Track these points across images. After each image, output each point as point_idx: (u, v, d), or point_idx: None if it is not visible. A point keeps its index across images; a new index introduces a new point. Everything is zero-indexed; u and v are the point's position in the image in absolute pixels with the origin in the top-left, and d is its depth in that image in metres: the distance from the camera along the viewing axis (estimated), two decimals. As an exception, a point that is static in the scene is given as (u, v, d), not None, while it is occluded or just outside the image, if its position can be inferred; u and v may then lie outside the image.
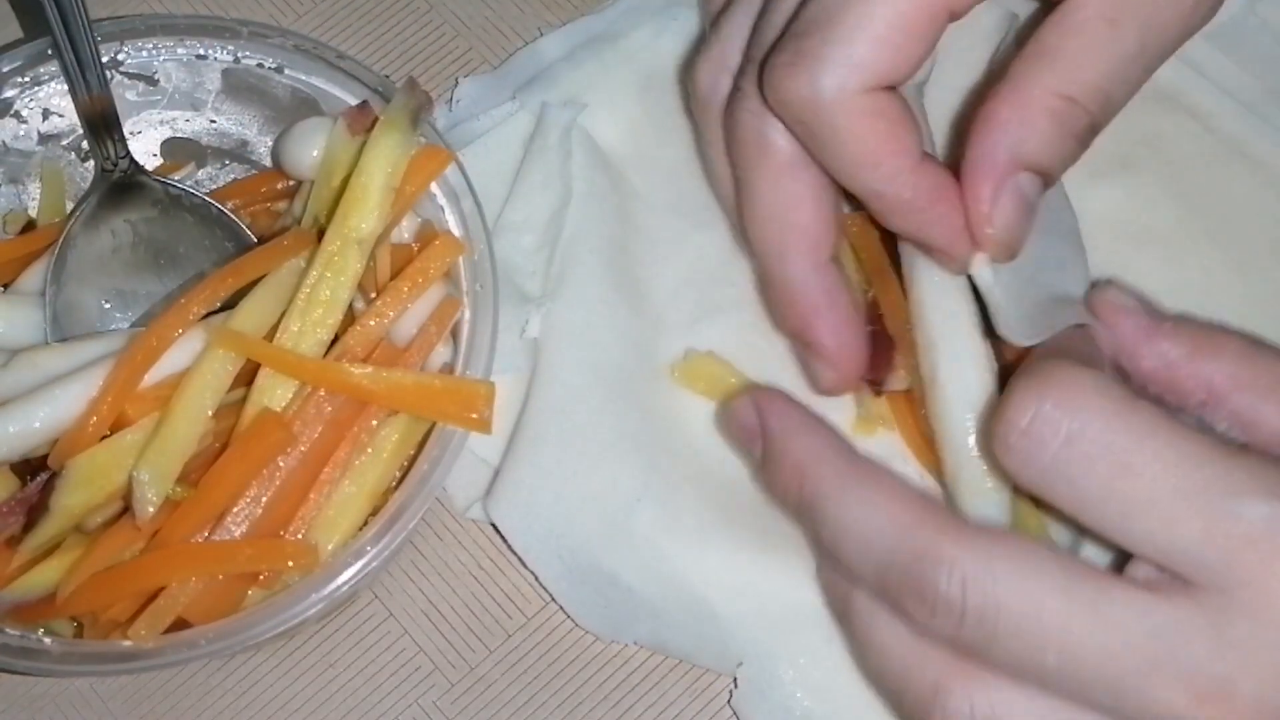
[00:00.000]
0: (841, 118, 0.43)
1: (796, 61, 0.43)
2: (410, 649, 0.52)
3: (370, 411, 0.47)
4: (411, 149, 0.49)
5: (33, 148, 0.54)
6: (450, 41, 0.60)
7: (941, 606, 0.39)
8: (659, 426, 0.51)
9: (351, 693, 0.51)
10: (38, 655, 0.45)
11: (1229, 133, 0.55)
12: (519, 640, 0.52)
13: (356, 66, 0.52)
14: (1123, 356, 0.44)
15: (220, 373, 0.46)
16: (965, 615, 0.39)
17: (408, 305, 0.48)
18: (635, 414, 0.51)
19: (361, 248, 0.48)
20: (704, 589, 0.49)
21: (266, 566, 0.46)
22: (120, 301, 0.52)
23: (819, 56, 0.43)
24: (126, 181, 0.52)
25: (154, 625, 0.45)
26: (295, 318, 0.47)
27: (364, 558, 0.46)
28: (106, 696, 0.51)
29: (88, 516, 0.46)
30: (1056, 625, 0.38)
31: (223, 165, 0.56)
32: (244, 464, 0.46)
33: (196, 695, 0.51)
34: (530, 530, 0.50)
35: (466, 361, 0.49)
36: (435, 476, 0.47)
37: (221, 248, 0.52)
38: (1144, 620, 0.38)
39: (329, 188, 0.50)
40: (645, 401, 0.52)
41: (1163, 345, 0.44)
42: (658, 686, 0.51)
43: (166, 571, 0.45)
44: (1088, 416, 0.39)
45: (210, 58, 0.53)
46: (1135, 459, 0.38)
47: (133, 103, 0.54)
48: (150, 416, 0.46)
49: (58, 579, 0.46)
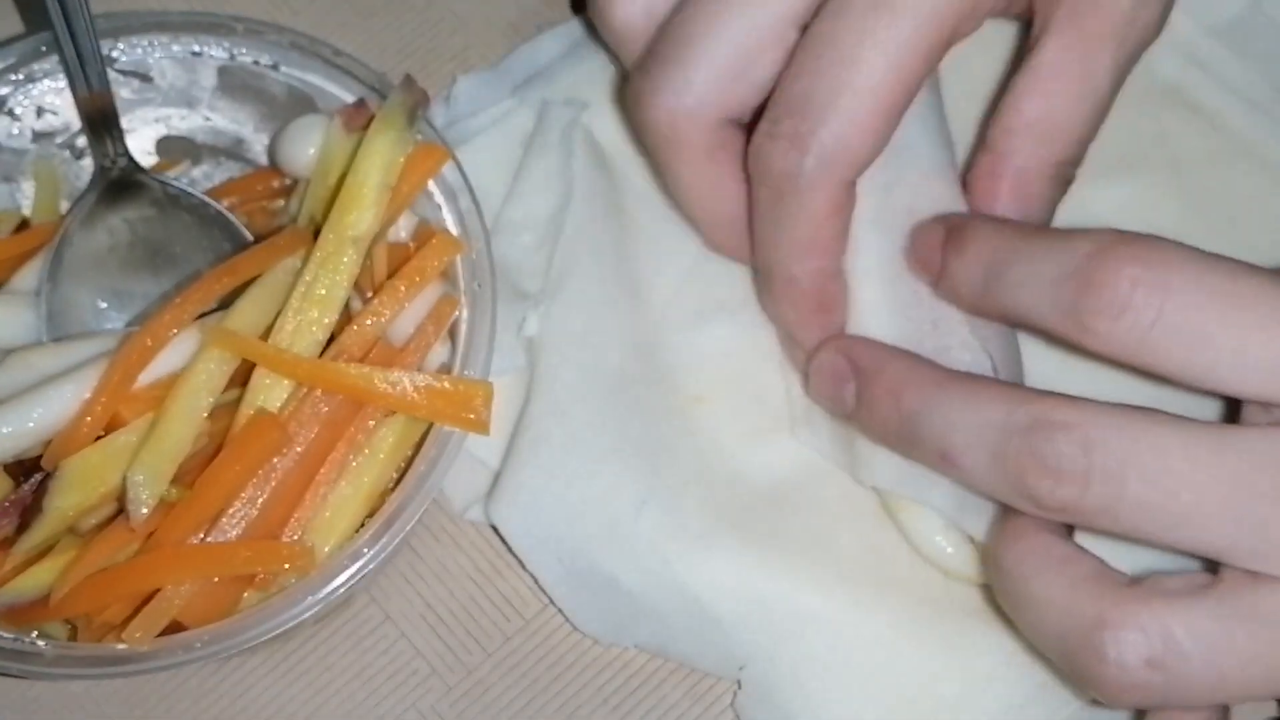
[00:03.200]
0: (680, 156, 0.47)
1: (647, 76, 0.46)
2: (408, 652, 0.51)
3: (367, 412, 0.47)
4: (408, 147, 0.49)
5: (26, 146, 0.54)
6: (447, 38, 0.59)
7: (1067, 471, 0.40)
8: (662, 429, 0.51)
9: (348, 696, 0.51)
10: (31, 658, 0.45)
11: (1235, 131, 0.55)
12: (517, 643, 0.51)
13: (353, 63, 0.52)
14: None
15: (215, 373, 0.46)
16: (1091, 474, 0.40)
17: (405, 304, 0.48)
18: (638, 416, 0.51)
19: (357, 246, 0.47)
20: (707, 593, 0.49)
21: (262, 569, 0.46)
22: (116, 301, 0.52)
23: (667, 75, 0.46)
24: (125, 180, 0.51)
25: (149, 628, 0.45)
26: (291, 317, 0.47)
27: (361, 560, 0.46)
28: (101, 700, 0.51)
29: (82, 518, 0.46)
30: (1184, 467, 0.39)
31: (218, 163, 0.56)
32: (239, 465, 0.45)
33: (191, 699, 0.51)
34: (530, 533, 0.50)
35: (464, 361, 0.48)
36: (433, 478, 0.47)
37: (219, 248, 0.52)
38: (1274, 447, 0.39)
39: (325, 186, 0.50)
40: (648, 403, 0.51)
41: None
42: (657, 690, 0.51)
43: (161, 574, 0.45)
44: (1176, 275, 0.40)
45: (205, 55, 0.53)
46: (1233, 299, 0.40)
47: (127, 100, 0.54)
48: (145, 417, 0.46)
49: (51, 581, 0.45)
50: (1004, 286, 0.43)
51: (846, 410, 0.47)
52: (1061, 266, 0.41)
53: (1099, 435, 0.40)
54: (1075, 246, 0.41)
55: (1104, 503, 0.40)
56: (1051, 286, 0.42)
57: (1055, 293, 0.41)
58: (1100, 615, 0.41)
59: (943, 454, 0.43)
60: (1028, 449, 0.41)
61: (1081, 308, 0.41)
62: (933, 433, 0.43)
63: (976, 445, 0.42)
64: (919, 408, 0.43)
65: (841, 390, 0.46)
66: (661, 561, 0.49)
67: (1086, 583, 0.41)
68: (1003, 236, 0.44)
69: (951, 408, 0.43)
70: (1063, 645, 0.42)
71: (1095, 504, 0.40)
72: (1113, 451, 0.40)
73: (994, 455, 0.41)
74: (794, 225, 0.46)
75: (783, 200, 0.45)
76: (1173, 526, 0.40)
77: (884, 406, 0.45)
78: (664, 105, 0.47)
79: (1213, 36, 0.56)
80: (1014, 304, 0.43)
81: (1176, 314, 0.40)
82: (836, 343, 0.47)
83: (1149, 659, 0.40)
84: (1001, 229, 0.45)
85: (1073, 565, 0.42)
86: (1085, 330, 0.41)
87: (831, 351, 0.47)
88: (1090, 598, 0.41)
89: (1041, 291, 0.42)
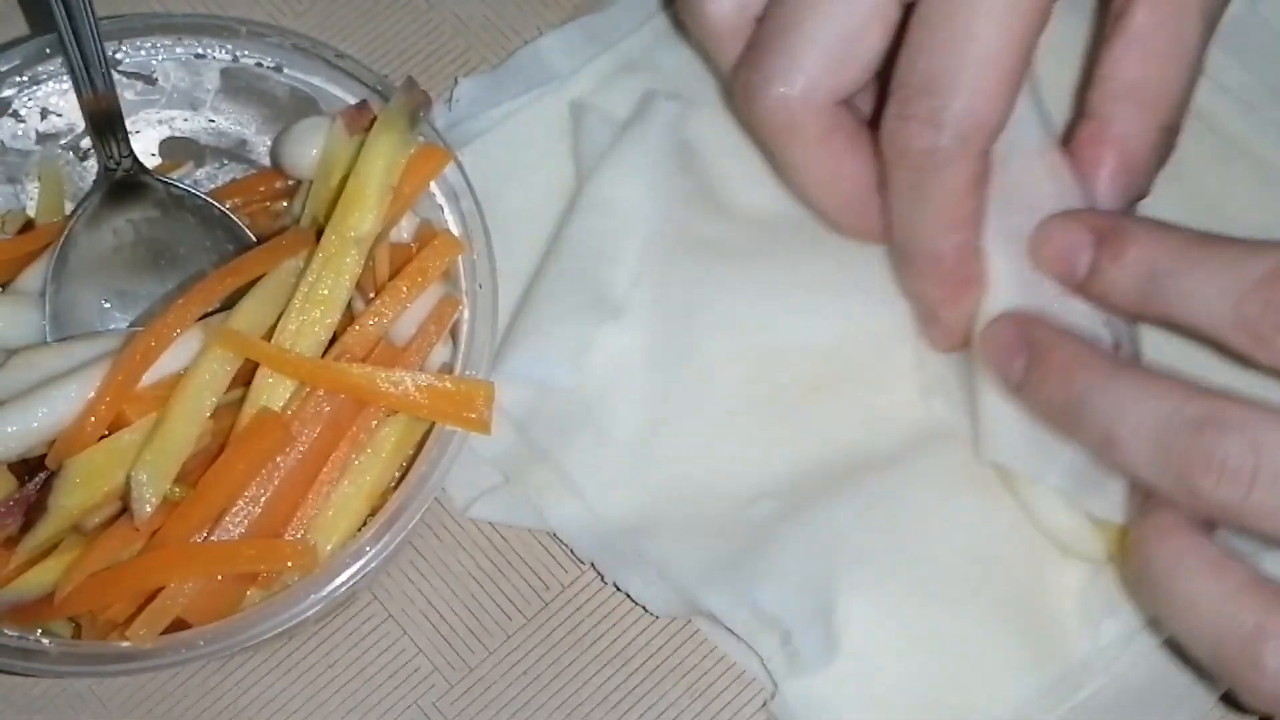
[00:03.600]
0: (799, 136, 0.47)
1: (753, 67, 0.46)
2: (409, 650, 0.51)
3: (369, 412, 0.47)
4: (410, 148, 0.49)
5: (31, 147, 0.54)
6: (449, 40, 0.59)
7: (1232, 469, 0.40)
8: (778, 421, 0.51)
9: (350, 694, 0.51)
10: (36, 656, 0.45)
11: (1231, 132, 0.55)
12: (518, 641, 0.52)
13: (355, 65, 0.52)
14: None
15: (218, 372, 0.46)
16: (1258, 475, 0.40)
17: (406, 305, 0.48)
18: (752, 409, 0.51)
19: (360, 247, 0.48)
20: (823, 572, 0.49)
21: (265, 567, 0.46)
22: (120, 301, 0.52)
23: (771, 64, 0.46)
24: (129, 181, 0.52)
25: (152, 626, 0.45)
26: (293, 317, 0.47)
27: (363, 558, 0.46)
28: (105, 697, 0.51)
29: (86, 517, 0.46)
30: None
31: (221, 165, 0.56)
32: (242, 464, 0.46)
33: (195, 696, 0.51)
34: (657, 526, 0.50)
35: (466, 361, 0.49)
36: (434, 477, 0.47)
37: (223, 249, 0.52)
38: None
39: (328, 187, 0.50)
40: (763, 395, 0.51)
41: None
42: (658, 688, 0.51)
43: (165, 572, 0.45)
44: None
45: (209, 57, 0.53)
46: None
47: (131, 102, 0.54)
48: (148, 416, 0.46)
49: (56, 579, 0.46)
50: (1173, 295, 0.43)
51: (1013, 382, 0.47)
52: (1241, 281, 0.42)
53: (1269, 438, 0.40)
54: (1257, 262, 0.42)
55: (1268, 507, 0.40)
56: (1228, 300, 0.42)
57: (1231, 306, 0.42)
58: (1259, 625, 0.40)
59: (1107, 438, 0.43)
60: (1196, 444, 0.41)
61: (1260, 323, 0.41)
62: (1100, 416, 0.43)
63: (1144, 434, 0.42)
64: (1089, 389, 0.43)
65: (1012, 362, 0.46)
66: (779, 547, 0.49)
67: (1244, 591, 0.41)
68: (1170, 243, 0.44)
69: (1122, 393, 0.43)
70: (1216, 650, 0.41)
71: (1258, 507, 0.40)
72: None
73: (1160, 446, 0.41)
74: (936, 202, 0.46)
75: (923, 178, 0.46)
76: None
77: (1054, 383, 0.45)
78: (776, 94, 0.47)
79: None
80: (1183, 313, 0.43)
81: None
82: (1011, 317, 0.47)
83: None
84: (1168, 234, 0.45)
85: (1228, 571, 0.42)
86: (1261, 344, 0.41)
87: (1005, 324, 0.47)
88: (1248, 607, 0.41)
89: (1216, 303, 0.42)
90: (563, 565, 0.52)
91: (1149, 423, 0.42)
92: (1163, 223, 0.46)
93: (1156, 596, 0.44)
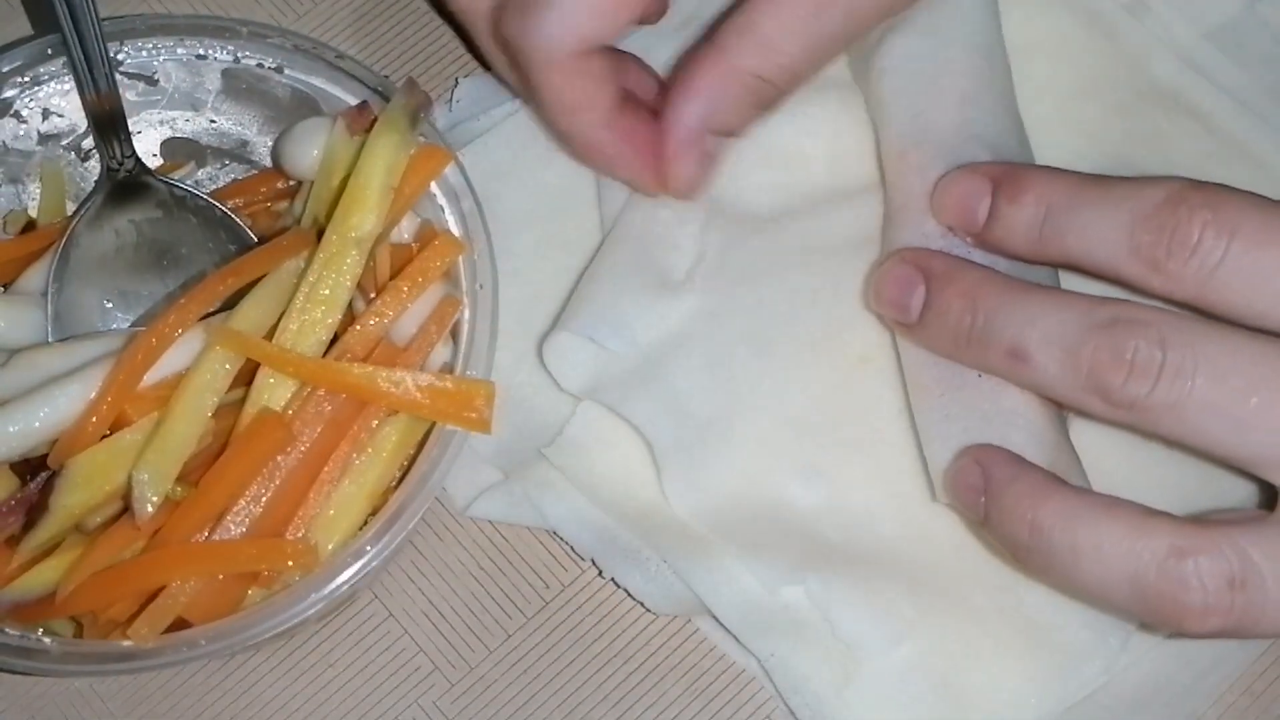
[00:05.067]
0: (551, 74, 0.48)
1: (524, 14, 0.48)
2: (410, 649, 0.52)
3: (370, 411, 0.47)
4: (410, 149, 0.49)
5: (32, 148, 0.54)
6: (450, 41, 0.60)
7: (1140, 364, 0.41)
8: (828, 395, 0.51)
9: (351, 693, 0.51)
10: (37, 655, 0.45)
11: (1229, 133, 0.55)
12: (519, 640, 0.52)
13: (356, 66, 0.52)
14: None
15: (220, 372, 0.46)
16: (1164, 369, 0.41)
17: (407, 305, 0.48)
18: (802, 383, 0.51)
19: (361, 247, 0.48)
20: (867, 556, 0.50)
21: (266, 566, 0.46)
22: (122, 301, 0.52)
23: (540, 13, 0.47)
24: (131, 181, 0.52)
25: (154, 625, 0.45)
26: (294, 317, 0.47)
27: (364, 557, 0.46)
28: (106, 696, 0.51)
29: (87, 516, 0.46)
30: (1257, 371, 0.41)
31: (222, 165, 0.56)
32: (244, 464, 0.46)
33: (196, 695, 0.51)
34: (703, 503, 0.50)
35: (466, 361, 0.49)
36: (435, 476, 0.47)
37: (224, 249, 0.52)
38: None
39: (329, 188, 0.50)
40: (812, 368, 0.51)
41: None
42: (658, 687, 0.51)
43: (166, 571, 0.45)
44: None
45: (210, 58, 0.53)
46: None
47: (133, 103, 0.54)
48: (150, 416, 0.46)
49: (57, 579, 0.46)
50: (1069, 232, 0.44)
51: (911, 319, 0.47)
52: (1134, 212, 0.43)
53: (1176, 336, 0.41)
54: (1150, 193, 0.43)
55: (1172, 398, 0.41)
56: (1123, 230, 0.43)
57: (1127, 235, 0.43)
58: (1174, 545, 0.41)
59: (1014, 350, 0.44)
60: (1107, 341, 0.42)
61: (1154, 249, 0.42)
62: (1007, 330, 0.44)
63: (1053, 341, 0.43)
64: (997, 307, 0.44)
65: (909, 296, 0.47)
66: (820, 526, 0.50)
67: (1146, 522, 0.42)
68: (1066, 183, 0.45)
69: (1031, 306, 0.44)
70: (1136, 585, 0.42)
71: (1163, 399, 0.41)
72: (1187, 350, 0.41)
73: (1069, 350, 0.42)
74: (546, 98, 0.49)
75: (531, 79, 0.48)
76: (1236, 431, 0.41)
77: (957, 308, 0.45)
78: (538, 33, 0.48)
79: (1207, 39, 0.56)
80: (1080, 248, 0.44)
81: (1243, 255, 0.41)
82: (902, 251, 0.48)
83: (1230, 579, 0.41)
84: (1063, 176, 0.46)
85: (1120, 507, 0.42)
86: (1156, 270, 0.42)
87: (897, 260, 0.48)
88: (1155, 532, 0.41)
89: (1111, 234, 0.43)
90: (563, 564, 0.52)
91: (1058, 328, 0.43)
92: (1057, 168, 0.47)
93: (1055, 559, 0.43)
